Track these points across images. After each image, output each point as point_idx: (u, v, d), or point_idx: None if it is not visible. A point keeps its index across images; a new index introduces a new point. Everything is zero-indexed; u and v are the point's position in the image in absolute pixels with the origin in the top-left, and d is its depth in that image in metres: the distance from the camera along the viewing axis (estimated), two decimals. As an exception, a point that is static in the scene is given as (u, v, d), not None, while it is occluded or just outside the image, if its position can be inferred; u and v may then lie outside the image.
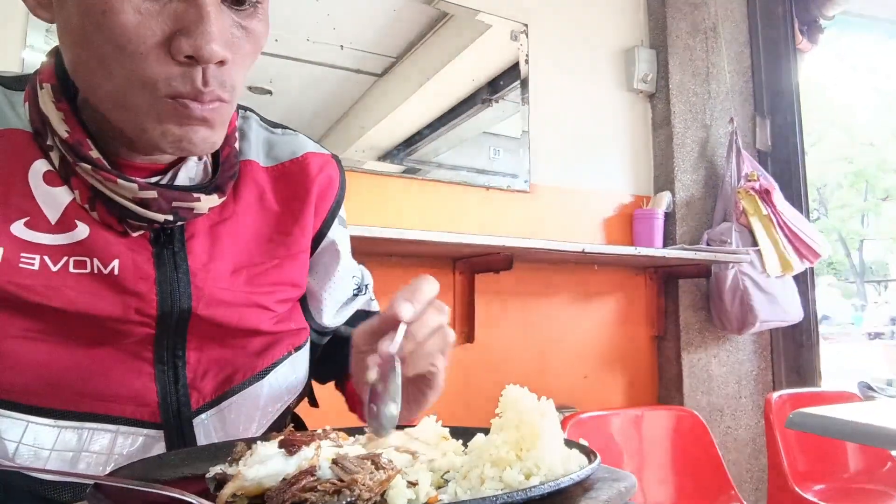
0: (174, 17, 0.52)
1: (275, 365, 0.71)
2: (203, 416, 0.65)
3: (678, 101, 2.46)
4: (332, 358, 0.81)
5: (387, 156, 1.99)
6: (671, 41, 2.48)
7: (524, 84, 2.24)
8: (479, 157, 2.15)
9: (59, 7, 0.55)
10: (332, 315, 0.79)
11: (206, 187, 0.63)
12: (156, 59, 0.52)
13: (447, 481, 0.45)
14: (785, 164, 2.63)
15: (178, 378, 0.64)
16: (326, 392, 0.85)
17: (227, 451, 0.50)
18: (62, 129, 0.57)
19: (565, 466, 0.45)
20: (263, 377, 0.70)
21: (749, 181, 2.37)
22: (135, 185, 0.57)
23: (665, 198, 2.37)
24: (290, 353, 0.73)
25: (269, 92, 1.82)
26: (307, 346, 0.77)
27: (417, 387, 0.62)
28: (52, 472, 0.58)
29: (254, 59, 0.60)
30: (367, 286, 0.85)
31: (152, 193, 0.58)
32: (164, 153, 0.61)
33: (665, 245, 2.34)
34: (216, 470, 0.46)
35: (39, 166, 0.59)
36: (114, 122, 0.57)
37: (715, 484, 1.61)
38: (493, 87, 2.20)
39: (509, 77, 2.22)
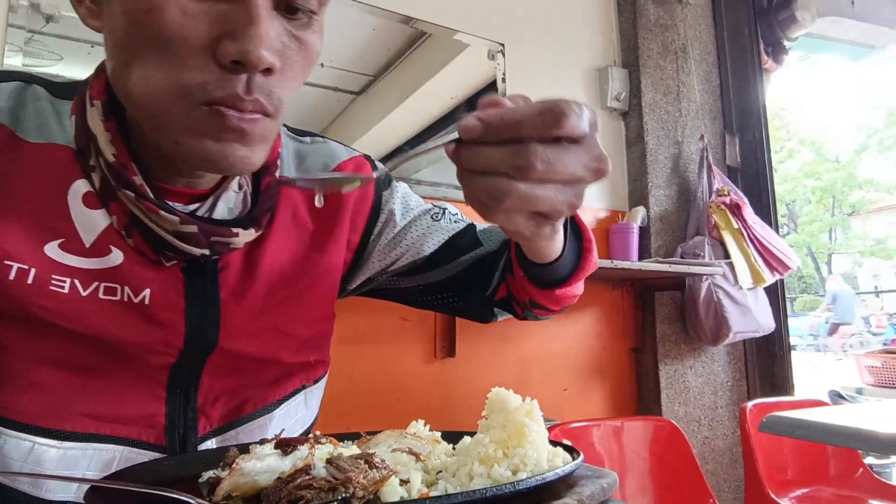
0: (222, 19, 0.48)
1: (285, 399, 0.70)
2: (208, 442, 0.64)
3: (651, 119, 2.53)
4: (475, 283, 0.76)
5: (367, 172, 2.00)
6: (643, 61, 2.55)
7: (501, 102, 2.28)
8: (458, 174, 2.19)
9: (107, 13, 0.53)
10: (412, 248, 0.75)
11: (243, 221, 0.61)
12: (198, 63, 0.48)
13: (439, 481, 0.46)
14: (754, 180, 2.71)
15: (189, 402, 0.62)
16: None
17: (220, 457, 0.50)
18: (109, 152, 0.55)
19: (551, 463, 0.47)
20: (273, 409, 0.68)
21: (720, 196, 2.44)
22: (176, 219, 0.55)
23: (640, 212, 2.42)
24: (303, 387, 0.72)
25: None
26: (323, 382, 0.75)
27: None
28: (51, 476, 0.57)
29: (305, 75, 0.55)
30: (445, 209, 0.79)
31: (193, 228, 0.56)
32: (200, 170, 0.58)
33: (640, 259, 2.38)
34: (209, 474, 0.47)
35: (80, 186, 0.57)
36: (149, 134, 0.54)
37: (694, 492, 1.64)
38: (472, 106, 2.23)
39: (487, 95, 2.26)
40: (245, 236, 0.60)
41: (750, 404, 1.86)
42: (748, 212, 2.43)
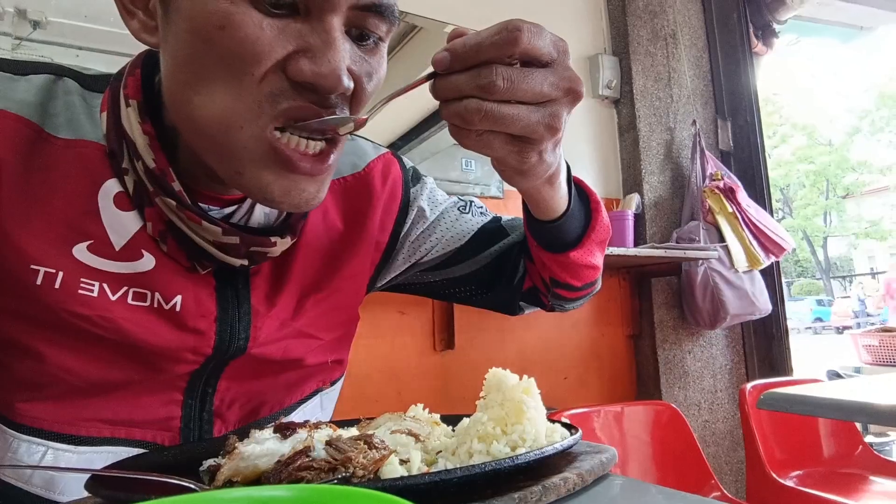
0: (297, 38, 0.47)
1: (302, 402, 0.69)
2: None
3: (642, 106, 2.53)
4: (503, 273, 0.76)
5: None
6: (633, 48, 2.55)
7: (493, 93, 2.28)
8: (452, 169, 2.19)
9: (166, 27, 0.50)
10: (442, 242, 0.75)
11: (280, 229, 0.59)
12: (269, 82, 0.47)
13: (439, 459, 0.46)
14: (747, 164, 2.72)
15: (205, 406, 0.61)
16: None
17: (219, 446, 0.51)
18: (148, 157, 0.53)
19: (549, 438, 0.47)
20: (290, 412, 0.68)
21: (714, 181, 2.45)
22: (219, 230, 0.54)
23: (634, 199, 2.42)
24: (320, 389, 0.71)
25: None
26: (339, 384, 0.75)
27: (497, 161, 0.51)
28: (56, 468, 0.56)
29: (368, 102, 0.53)
30: (471, 202, 0.79)
31: (235, 239, 0.54)
32: (260, 203, 0.55)
33: (636, 245, 2.39)
34: (209, 462, 0.47)
35: (111, 187, 0.55)
36: (208, 162, 0.51)
37: (696, 474, 1.65)
38: (463, 97, 2.23)
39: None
40: (282, 245, 0.59)
41: (749, 386, 1.87)
42: (742, 195, 2.43)
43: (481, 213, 0.79)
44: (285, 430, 0.44)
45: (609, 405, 1.69)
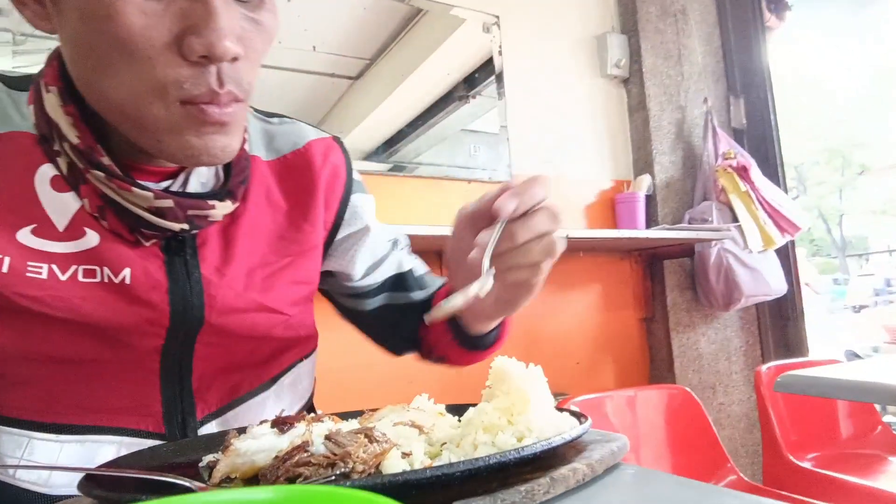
0: (181, 16, 0.49)
1: (281, 374, 0.70)
2: (208, 425, 0.64)
3: (652, 85, 2.48)
4: (398, 327, 0.81)
5: (368, 158, 1.98)
6: (641, 25, 2.50)
7: (499, 78, 2.24)
8: (459, 155, 2.16)
9: (59, 16, 0.52)
10: (363, 270, 0.77)
11: (219, 193, 0.61)
12: (166, 63, 0.49)
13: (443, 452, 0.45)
14: (760, 141, 2.66)
15: (184, 387, 0.62)
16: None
17: (220, 441, 0.50)
18: (72, 135, 0.55)
19: (557, 429, 0.45)
20: (269, 387, 0.69)
21: (726, 159, 2.40)
22: (150, 195, 0.55)
23: (645, 181, 2.39)
24: (297, 362, 0.72)
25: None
26: (314, 355, 0.76)
27: (511, 288, 0.60)
28: (48, 467, 0.56)
29: (265, 54, 0.57)
30: (399, 241, 0.83)
31: (168, 202, 0.56)
32: (183, 164, 0.59)
33: (648, 227, 2.36)
34: (209, 458, 0.46)
35: (46, 171, 0.57)
36: (127, 135, 0.54)
37: (711, 458, 1.63)
38: (470, 83, 2.20)
39: (484, 72, 2.22)
40: (222, 208, 0.60)
41: (765, 367, 1.84)
42: (755, 173, 2.39)
43: (408, 252, 0.84)
44: (283, 425, 0.43)
45: (622, 390, 1.67)
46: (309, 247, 0.70)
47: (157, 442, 0.60)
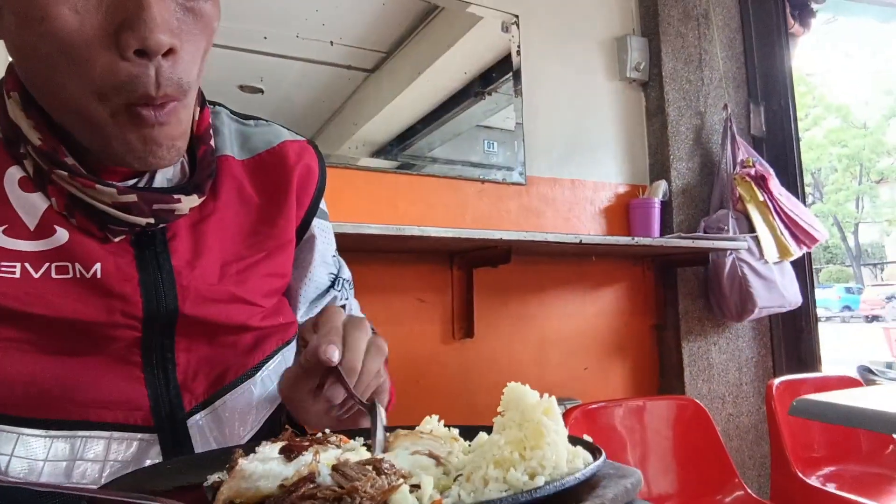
0: (114, 11, 0.49)
1: (265, 361, 0.71)
2: (197, 416, 0.64)
3: (671, 89, 2.45)
4: None
5: (381, 152, 1.97)
6: (663, 29, 2.46)
7: (516, 76, 2.22)
8: (473, 151, 2.14)
9: (1, 22, 0.52)
10: (305, 311, 0.78)
11: (185, 188, 0.62)
12: (104, 61, 0.50)
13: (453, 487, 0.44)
14: (780, 150, 2.63)
15: (169, 380, 0.63)
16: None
17: (225, 458, 0.49)
18: (34, 137, 0.56)
19: (570, 464, 0.44)
20: (255, 374, 0.69)
21: (745, 167, 2.37)
22: (113, 190, 0.56)
23: (661, 186, 2.36)
24: (280, 348, 0.73)
25: (261, 91, 1.80)
26: (295, 341, 0.76)
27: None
28: (48, 485, 0.56)
29: (207, 46, 0.57)
30: (343, 280, 0.83)
31: (132, 197, 0.57)
32: (132, 167, 0.59)
33: (662, 234, 2.33)
34: (213, 478, 0.45)
35: (14, 173, 0.58)
36: (80, 137, 0.55)
37: (718, 472, 1.61)
38: (486, 80, 2.18)
39: (501, 69, 2.20)
40: (188, 202, 0.61)
41: (777, 381, 1.82)
42: (774, 183, 2.35)
43: (347, 295, 0.83)
44: (290, 452, 0.42)
45: (631, 399, 1.65)
46: (284, 240, 0.72)
47: (147, 435, 0.61)
